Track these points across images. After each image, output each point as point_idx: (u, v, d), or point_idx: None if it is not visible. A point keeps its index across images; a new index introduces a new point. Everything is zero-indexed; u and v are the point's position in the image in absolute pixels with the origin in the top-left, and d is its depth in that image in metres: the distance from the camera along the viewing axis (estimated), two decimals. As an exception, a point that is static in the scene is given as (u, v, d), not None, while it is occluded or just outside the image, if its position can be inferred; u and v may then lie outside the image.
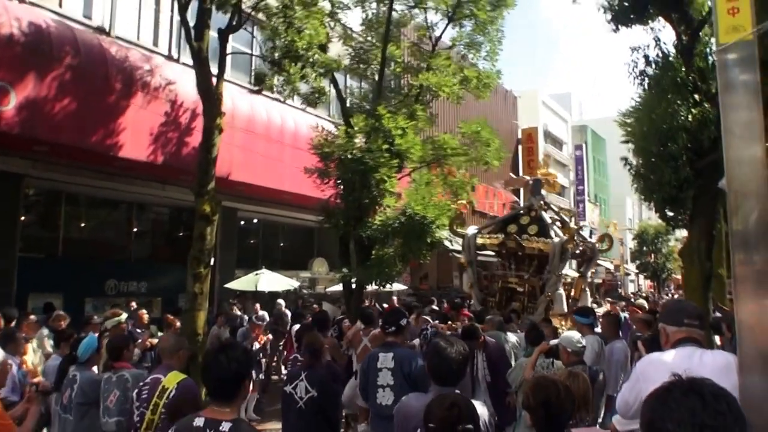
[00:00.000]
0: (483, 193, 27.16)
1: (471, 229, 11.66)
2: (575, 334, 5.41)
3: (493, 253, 12.70)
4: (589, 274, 12.67)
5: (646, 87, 9.82)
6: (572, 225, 12.19)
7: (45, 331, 8.43)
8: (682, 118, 8.60)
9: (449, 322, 9.55)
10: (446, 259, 23.16)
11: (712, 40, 9.52)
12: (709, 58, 9.50)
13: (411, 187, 13.39)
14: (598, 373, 5.17)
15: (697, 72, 9.13)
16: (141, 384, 4.07)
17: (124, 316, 8.18)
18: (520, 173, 32.93)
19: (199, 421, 2.64)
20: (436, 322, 9.48)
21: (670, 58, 9.68)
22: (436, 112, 17.79)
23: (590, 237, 46.48)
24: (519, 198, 30.52)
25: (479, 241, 11.50)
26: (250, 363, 2.97)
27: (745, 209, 2.58)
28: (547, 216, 11.71)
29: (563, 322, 10.50)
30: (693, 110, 8.63)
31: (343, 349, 8.05)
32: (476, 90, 15.77)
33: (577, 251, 11.77)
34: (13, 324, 9.23)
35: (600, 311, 13.69)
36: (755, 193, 2.57)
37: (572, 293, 11.80)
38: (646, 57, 9.87)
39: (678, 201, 9.18)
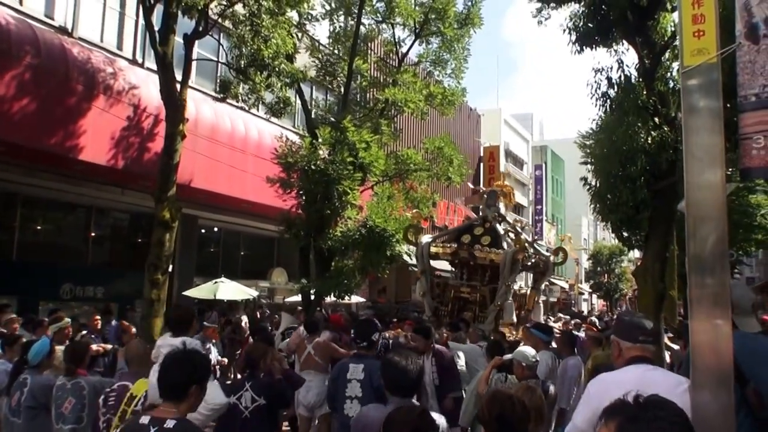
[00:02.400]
0: (444, 209, 27.34)
1: (425, 238, 11.61)
2: (529, 350, 5.42)
3: (449, 267, 12.74)
4: (542, 287, 12.81)
5: (607, 108, 9.93)
6: (523, 237, 12.26)
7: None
8: (642, 140, 8.66)
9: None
10: (405, 273, 23.17)
11: (674, 64, 9.66)
12: (670, 82, 9.72)
13: (373, 200, 13.42)
14: (549, 387, 5.21)
15: (658, 95, 9.26)
16: (108, 390, 4.02)
17: (68, 320, 7.95)
18: (481, 190, 33.26)
19: (144, 419, 2.71)
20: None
21: (633, 81, 9.79)
22: (400, 127, 17.95)
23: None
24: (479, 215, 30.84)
25: (433, 249, 11.45)
26: (207, 369, 2.95)
27: (703, 233, 2.61)
28: (500, 227, 11.76)
29: (513, 332, 10.63)
30: (653, 133, 8.73)
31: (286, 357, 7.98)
32: (441, 106, 16.01)
33: (529, 263, 11.81)
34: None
35: (557, 325, 13.88)
36: (713, 217, 2.59)
37: (525, 306, 11.89)
38: (609, 79, 9.96)
39: (634, 222, 9.21)
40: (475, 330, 9.21)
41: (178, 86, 10.47)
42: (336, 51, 15.51)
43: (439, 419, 3.23)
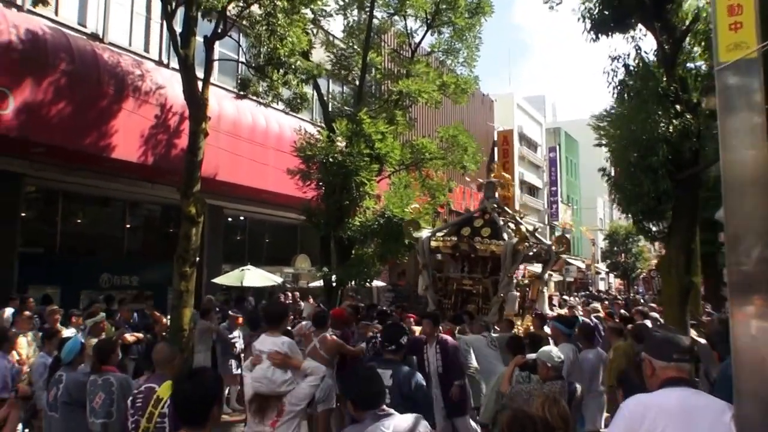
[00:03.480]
0: (460, 194, 27.58)
1: (424, 233, 11.39)
2: (554, 349, 5.18)
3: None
4: (546, 276, 12.49)
5: (625, 97, 9.30)
6: (524, 227, 12.00)
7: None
8: (663, 128, 8.12)
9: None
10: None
11: (696, 49, 9.19)
12: (689, 65, 9.17)
13: (390, 189, 13.67)
14: (576, 388, 4.99)
15: (679, 81, 8.69)
16: (135, 392, 4.09)
17: (102, 315, 8.36)
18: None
19: None
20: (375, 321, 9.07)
21: (651, 68, 9.21)
22: (414, 116, 18.08)
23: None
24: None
25: (433, 244, 11.21)
26: (219, 389, 2.85)
27: (746, 245, 2.39)
28: (500, 218, 11.51)
29: (519, 323, 10.51)
30: (674, 121, 8.16)
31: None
32: (454, 95, 16.06)
33: (531, 253, 11.53)
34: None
35: (563, 311, 13.95)
36: (756, 230, 2.36)
37: (529, 295, 11.72)
38: (626, 66, 9.37)
39: (656, 213, 8.77)
40: (478, 322, 9.12)
41: (200, 86, 10.78)
42: (350, 45, 15.71)
43: (423, 427, 3.21)
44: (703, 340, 7.69)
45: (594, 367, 6.80)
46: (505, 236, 10.74)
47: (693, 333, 8.27)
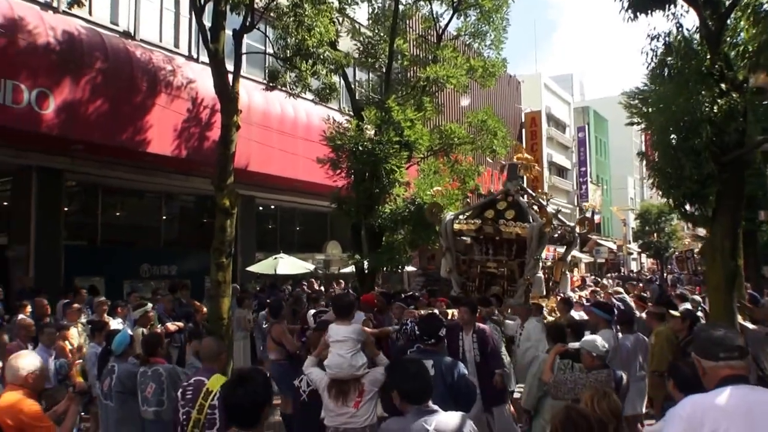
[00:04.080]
0: (488, 178, 27.48)
1: (447, 216, 11.22)
2: (598, 338, 5.03)
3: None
4: (569, 258, 12.30)
5: (665, 77, 8.76)
6: (549, 209, 11.85)
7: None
8: (707, 109, 7.69)
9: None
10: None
11: (742, 24, 8.60)
12: (735, 41, 8.61)
13: (419, 176, 13.68)
14: (621, 377, 4.90)
15: (724, 59, 8.17)
16: (185, 384, 4.23)
17: (149, 306, 8.61)
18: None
19: None
20: (411, 308, 8.93)
21: (694, 46, 8.66)
22: (441, 101, 18.03)
23: (594, 218, 45.93)
24: (523, 181, 30.63)
25: (456, 227, 11.06)
26: (270, 392, 2.88)
27: None
28: (523, 200, 11.35)
29: (545, 304, 10.36)
30: (719, 101, 7.69)
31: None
32: (482, 79, 15.90)
33: (556, 235, 11.38)
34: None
35: (583, 293, 13.82)
36: None
37: (553, 277, 11.62)
38: (666, 45, 8.82)
39: (700, 197, 8.31)
40: (506, 305, 9.08)
41: (231, 79, 10.91)
42: (376, 32, 15.68)
43: (469, 426, 3.17)
44: (750, 325, 7.59)
45: (633, 353, 6.74)
46: (531, 219, 10.62)
47: (740, 318, 7.99)
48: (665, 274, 34.45)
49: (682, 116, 7.89)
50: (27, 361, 3.91)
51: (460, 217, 11.37)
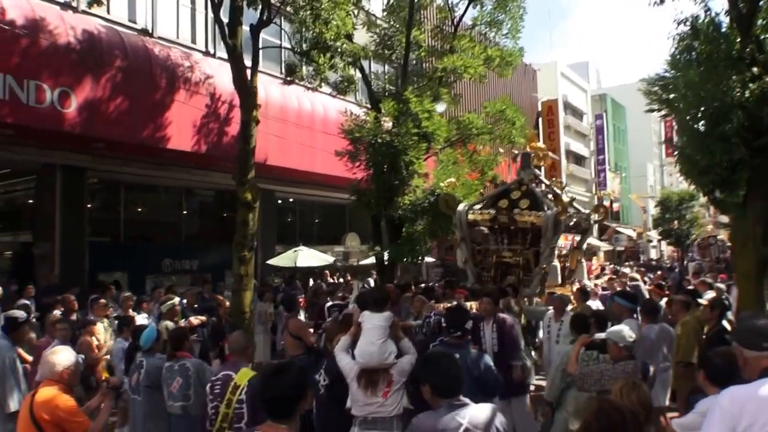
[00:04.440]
0: (506, 168, 27.28)
1: (461, 206, 11.15)
2: (625, 328, 4.94)
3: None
4: (584, 246, 12.14)
5: (693, 62, 8.51)
6: (564, 197, 11.62)
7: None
8: (737, 94, 7.48)
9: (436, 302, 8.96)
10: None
11: None
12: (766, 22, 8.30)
13: (438, 167, 13.63)
14: (649, 368, 4.86)
15: (756, 43, 7.94)
16: (213, 379, 4.20)
17: (176, 300, 8.68)
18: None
19: None
20: (432, 302, 8.85)
21: (723, 29, 8.45)
22: (458, 91, 17.92)
23: (612, 206, 45.41)
24: (540, 171, 30.38)
25: (470, 217, 10.97)
26: (305, 384, 2.86)
27: None
28: (538, 189, 11.25)
29: (561, 293, 10.12)
30: (750, 85, 7.46)
31: None
32: (499, 68, 15.75)
33: (571, 223, 11.28)
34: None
35: (599, 282, 13.64)
36: None
37: (568, 266, 11.51)
38: (694, 29, 8.59)
39: (730, 183, 8.12)
40: (522, 294, 8.95)
41: (249, 73, 10.93)
42: (392, 23, 15.61)
43: (500, 417, 3.14)
44: None
45: (657, 344, 6.58)
46: (545, 207, 10.52)
47: None
48: (686, 262, 34.00)
49: (712, 102, 7.70)
50: (62, 356, 3.96)
51: (475, 207, 11.32)
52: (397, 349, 4.65)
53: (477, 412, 3.07)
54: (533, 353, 7.69)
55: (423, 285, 12.56)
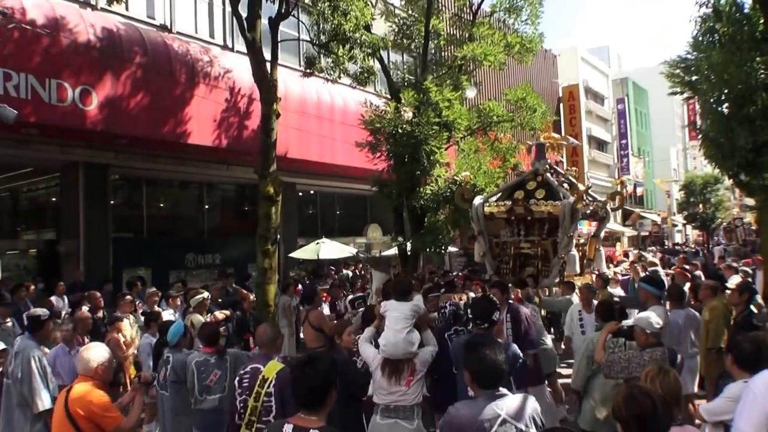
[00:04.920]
0: (527, 155, 27.00)
1: (477, 200, 11.09)
2: (652, 315, 4.88)
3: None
4: (602, 234, 11.96)
5: (715, 44, 8.45)
6: (580, 186, 11.54)
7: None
8: (761, 76, 7.44)
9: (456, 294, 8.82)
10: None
11: None
12: None
13: (459, 156, 13.51)
14: (677, 356, 4.76)
15: None
16: (242, 372, 4.19)
17: (206, 294, 8.71)
18: (563, 132, 32.47)
19: (288, 428, 2.70)
20: (442, 291, 8.73)
21: (746, 11, 8.39)
22: (478, 79, 17.75)
23: (636, 191, 44.77)
24: (562, 157, 30.06)
25: (487, 209, 10.89)
26: (336, 374, 2.89)
27: None
28: (553, 179, 11.13)
29: (578, 282, 10.01)
30: None
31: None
32: (519, 55, 15.54)
33: (588, 211, 11.15)
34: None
35: (618, 269, 13.41)
36: None
37: (587, 255, 11.38)
38: (717, 11, 8.52)
39: (755, 166, 8.00)
40: (542, 284, 8.84)
41: (268, 67, 10.88)
42: (410, 13, 15.46)
43: (533, 403, 3.14)
44: None
45: (684, 329, 6.48)
46: (561, 196, 10.42)
47: None
48: (711, 246, 33.46)
49: (736, 84, 7.60)
50: (96, 353, 4.01)
51: (491, 200, 11.26)
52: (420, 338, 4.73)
53: (512, 402, 3.05)
54: (549, 342, 7.57)
55: (436, 277, 12.54)
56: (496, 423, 2.94)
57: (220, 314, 10.05)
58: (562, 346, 8.98)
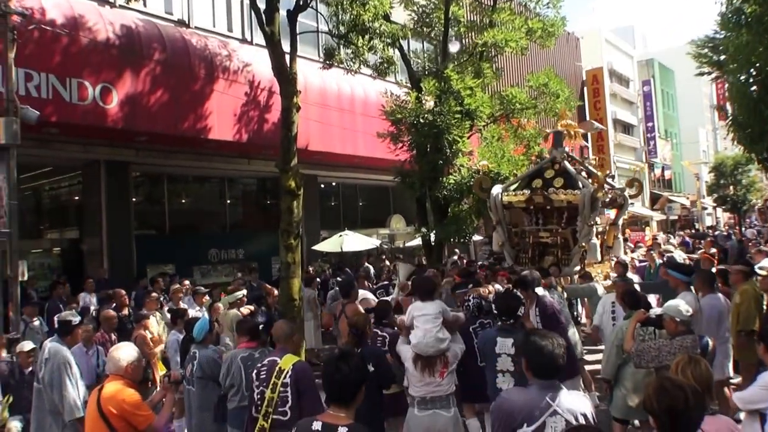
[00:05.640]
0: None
1: (495, 189, 11.06)
2: (681, 303, 4.88)
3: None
4: (620, 222, 11.88)
5: (742, 25, 8.32)
6: (599, 174, 11.38)
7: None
8: None
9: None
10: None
11: None
12: None
13: (482, 144, 13.38)
14: (707, 343, 4.72)
15: None
16: (259, 366, 4.32)
17: (243, 292, 8.77)
18: (587, 116, 32.00)
19: (317, 425, 2.73)
20: (470, 286, 8.48)
21: None
22: (500, 65, 17.51)
23: (664, 174, 44.02)
24: (588, 142, 29.68)
25: (505, 199, 10.89)
26: (366, 370, 2.96)
27: None
28: (571, 167, 11.05)
29: (600, 270, 10.17)
30: None
31: None
32: (541, 39, 15.30)
33: (607, 199, 11.07)
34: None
35: (635, 255, 13.19)
36: None
37: (606, 243, 11.26)
38: None
39: None
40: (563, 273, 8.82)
41: (287, 59, 10.83)
42: (429, 0, 15.30)
43: (587, 401, 3.13)
44: None
45: (716, 312, 6.43)
46: (580, 185, 10.38)
47: None
48: (744, 228, 32.80)
49: (764, 65, 7.59)
50: (125, 352, 4.11)
51: (509, 189, 11.23)
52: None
53: (570, 398, 3.03)
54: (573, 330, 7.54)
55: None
56: (546, 413, 2.94)
57: (245, 309, 10.13)
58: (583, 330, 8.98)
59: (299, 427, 2.84)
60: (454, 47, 12.34)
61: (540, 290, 6.72)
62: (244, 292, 8.74)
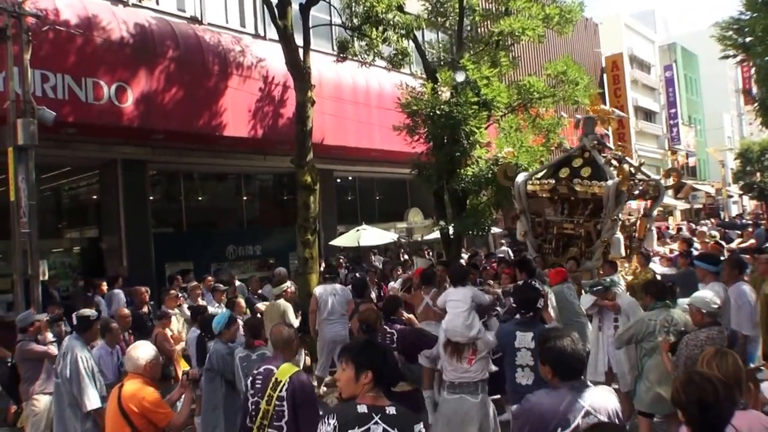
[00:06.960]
0: (572, 129, 26.40)
1: (520, 177, 10.86)
2: (708, 294, 4.83)
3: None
4: (654, 213, 11.50)
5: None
6: (627, 166, 11.00)
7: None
8: None
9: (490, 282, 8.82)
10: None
11: None
12: None
13: (500, 135, 13.30)
14: (736, 334, 4.75)
15: None
16: (254, 373, 4.04)
17: (289, 283, 8.87)
18: (607, 104, 31.65)
19: (362, 408, 2.75)
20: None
21: None
22: (517, 54, 17.37)
23: (688, 161, 43.35)
24: (608, 130, 29.26)
25: (529, 188, 10.69)
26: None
27: None
28: (600, 157, 10.66)
29: (627, 265, 9.92)
30: None
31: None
32: (558, 26, 15.12)
33: (637, 191, 10.78)
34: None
35: (664, 250, 13.00)
36: None
37: (636, 235, 10.99)
38: None
39: None
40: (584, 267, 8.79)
41: (301, 54, 10.86)
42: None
43: (612, 397, 3.09)
44: None
45: (751, 298, 6.34)
46: (608, 176, 10.09)
47: None
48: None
49: None
50: (143, 351, 4.19)
51: (534, 177, 11.01)
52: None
53: (599, 395, 3.01)
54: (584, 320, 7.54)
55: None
56: (579, 414, 2.89)
57: (262, 306, 10.23)
58: None
59: (340, 412, 2.78)
60: (460, 77, 12.22)
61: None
62: (290, 283, 8.83)
